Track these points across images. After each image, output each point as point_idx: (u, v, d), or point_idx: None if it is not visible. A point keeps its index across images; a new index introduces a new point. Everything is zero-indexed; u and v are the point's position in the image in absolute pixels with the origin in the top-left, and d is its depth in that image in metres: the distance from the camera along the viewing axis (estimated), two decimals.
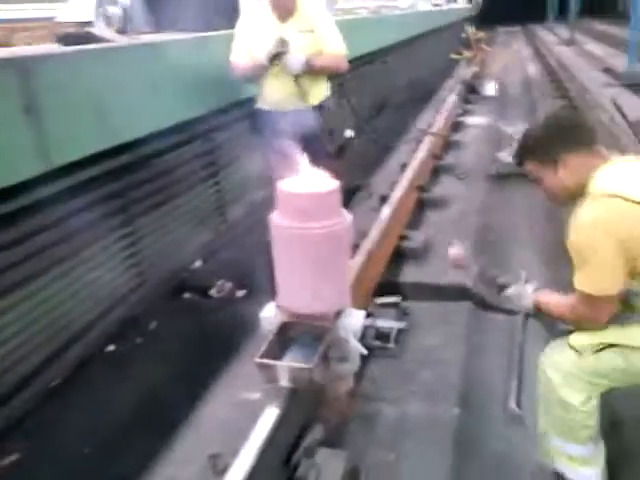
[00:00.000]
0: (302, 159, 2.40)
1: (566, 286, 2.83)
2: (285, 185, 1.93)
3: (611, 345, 1.61)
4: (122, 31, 5.41)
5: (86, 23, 5.65)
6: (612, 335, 1.62)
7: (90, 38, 3.15)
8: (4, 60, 2.18)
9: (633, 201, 1.51)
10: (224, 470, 1.65)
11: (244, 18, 3.35)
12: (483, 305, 3.02)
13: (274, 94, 3.29)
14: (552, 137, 1.69)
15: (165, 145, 3.34)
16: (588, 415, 1.66)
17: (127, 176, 3.06)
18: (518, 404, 2.26)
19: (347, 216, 1.99)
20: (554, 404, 1.69)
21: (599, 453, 1.75)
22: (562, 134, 1.68)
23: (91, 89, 2.59)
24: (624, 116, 5.28)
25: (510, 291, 1.90)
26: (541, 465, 1.86)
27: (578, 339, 1.66)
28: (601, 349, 1.62)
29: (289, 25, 3.22)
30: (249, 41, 3.24)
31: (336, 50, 3.28)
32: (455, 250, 2.07)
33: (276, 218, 1.93)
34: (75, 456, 2.24)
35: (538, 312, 1.85)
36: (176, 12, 4.91)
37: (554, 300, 1.79)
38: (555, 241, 3.79)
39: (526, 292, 1.85)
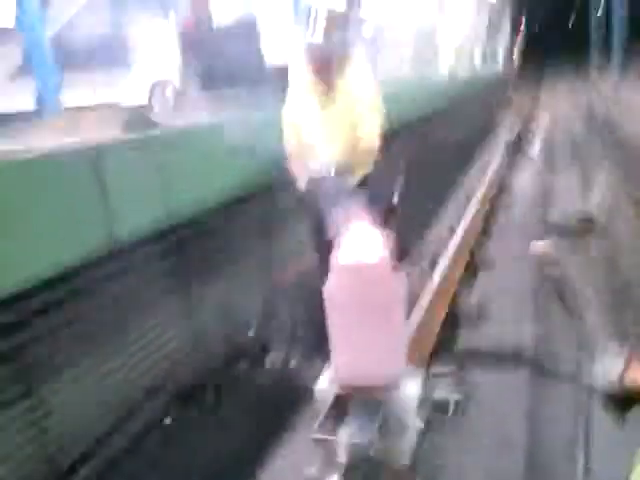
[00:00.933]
0: (353, 225, 2.45)
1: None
2: (339, 255, 1.98)
3: None
4: (176, 109, 5.73)
5: (144, 107, 6.02)
6: None
7: (150, 123, 3.36)
8: (77, 150, 2.38)
9: None
10: None
11: (289, 104, 3.29)
12: (542, 373, 2.95)
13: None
14: None
15: (220, 220, 3.48)
16: None
17: (186, 250, 3.19)
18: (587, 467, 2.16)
19: (402, 282, 2.02)
20: None
21: None
22: None
23: (153, 172, 2.78)
24: None
25: (597, 367, 1.86)
26: None
27: None
28: None
29: (330, 112, 3.13)
30: (296, 126, 3.21)
31: (369, 133, 3.13)
32: (540, 247, 2.03)
33: (331, 288, 1.98)
34: None
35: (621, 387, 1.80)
36: (230, 88, 5.18)
37: None
38: (608, 298, 3.70)
39: (612, 367, 1.82)
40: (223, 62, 5.31)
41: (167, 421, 2.91)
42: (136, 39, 6.10)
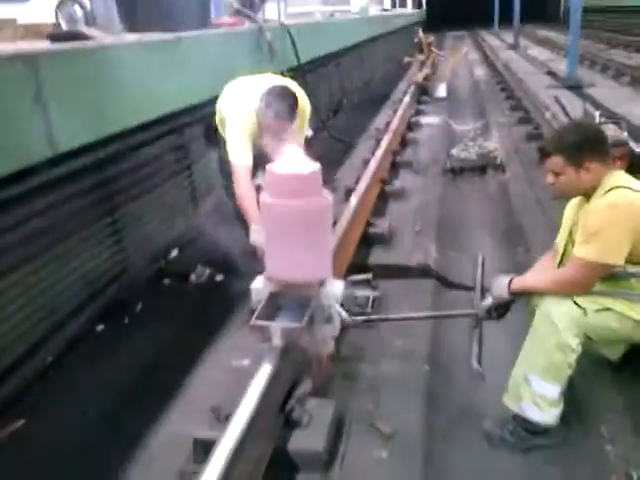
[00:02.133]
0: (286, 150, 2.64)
1: (515, 261, 3.13)
2: (274, 167, 2.16)
3: (612, 310, 1.97)
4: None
5: (55, 24, 5.72)
6: (618, 305, 1.98)
7: (81, 36, 3.31)
8: (16, 54, 2.36)
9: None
10: (227, 418, 1.85)
11: (247, 115, 2.99)
12: (446, 283, 3.33)
13: None
14: (586, 144, 2.02)
15: (147, 137, 3.52)
16: (575, 357, 1.98)
17: (112, 166, 3.23)
18: (479, 362, 2.54)
19: (328, 195, 2.24)
20: (551, 346, 1.96)
21: (562, 398, 2.04)
22: (595, 144, 2.03)
23: (89, 82, 2.81)
24: (567, 115, 5.73)
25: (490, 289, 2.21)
26: (502, 410, 2.13)
27: (586, 301, 1.98)
28: (602, 310, 1.97)
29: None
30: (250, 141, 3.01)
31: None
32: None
33: (266, 197, 2.17)
34: (76, 424, 2.40)
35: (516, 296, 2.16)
36: (142, 13, 5.03)
37: (532, 279, 2.15)
38: (503, 225, 4.16)
39: (502, 283, 2.17)
40: None
41: (99, 328, 3.03)
42: None
